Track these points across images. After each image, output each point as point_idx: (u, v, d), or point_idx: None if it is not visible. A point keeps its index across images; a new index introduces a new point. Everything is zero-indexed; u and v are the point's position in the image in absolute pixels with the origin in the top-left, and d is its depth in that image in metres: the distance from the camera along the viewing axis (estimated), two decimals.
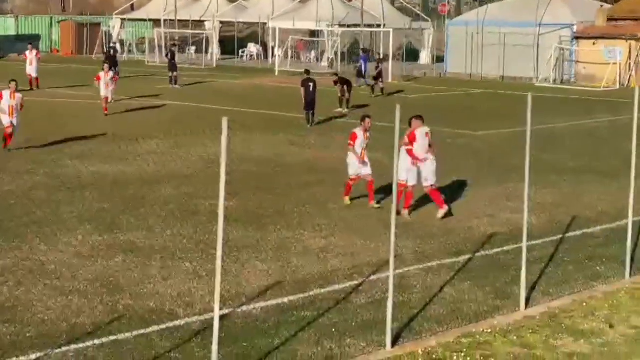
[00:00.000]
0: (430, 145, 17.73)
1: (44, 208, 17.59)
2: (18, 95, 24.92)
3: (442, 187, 18.52)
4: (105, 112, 32.62)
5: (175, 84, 44.98)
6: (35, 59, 43.31)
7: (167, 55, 48.09)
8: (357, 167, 18.29)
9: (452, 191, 19.76)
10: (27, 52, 44.22)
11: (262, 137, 27.81)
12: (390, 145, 11.70)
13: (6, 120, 24.63)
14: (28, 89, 40.07)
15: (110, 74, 34.17)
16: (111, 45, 56.71)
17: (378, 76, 43.71)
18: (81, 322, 11.35)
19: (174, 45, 51.58)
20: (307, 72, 33.64)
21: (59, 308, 11.81)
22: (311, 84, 31.82)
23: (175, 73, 45.35)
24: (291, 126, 30.74)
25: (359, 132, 18.27)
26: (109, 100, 33.56)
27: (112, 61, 42.34)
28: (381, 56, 49.28)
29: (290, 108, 34.23)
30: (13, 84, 24.92)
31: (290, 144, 26.82)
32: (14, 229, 15.79)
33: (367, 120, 18.45)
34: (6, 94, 24.67)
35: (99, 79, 33.67)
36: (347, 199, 18.48)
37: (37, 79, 42.87)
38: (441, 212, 17.47)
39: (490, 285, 13.22)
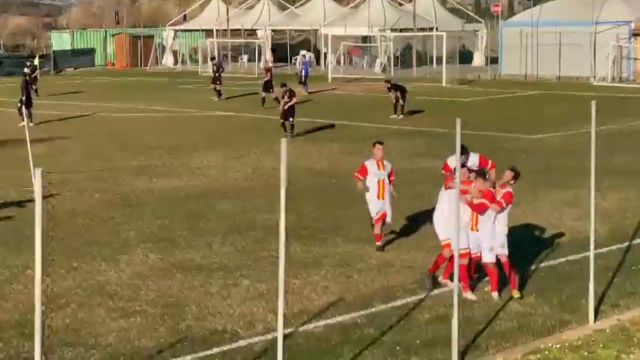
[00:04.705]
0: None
1: (103, 226, 17.64)
2: (388, 163, 15.89)
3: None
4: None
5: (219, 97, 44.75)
6: None
7: (218, 68, 47.53)
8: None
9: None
10: None
11: (317, 147, 27.66)
12: None
13: (375, 207, 15.86)
14: None
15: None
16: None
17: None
18: (144, 344, 11.29)
19: (212, 58, 51.61)
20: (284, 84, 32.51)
21: (121, 330, 11.76)
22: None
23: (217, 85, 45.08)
24: (345, 136, 30.55)
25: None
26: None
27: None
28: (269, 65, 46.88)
29: (346, 116, 34.05)
30: (379, 147, 15.74)
31: (345, 154, 26.61)
32: (74, 248, 15.80)
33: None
34: (371, 165, 15.83)
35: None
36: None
37: None
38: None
39: (557, 298, 12.90)
